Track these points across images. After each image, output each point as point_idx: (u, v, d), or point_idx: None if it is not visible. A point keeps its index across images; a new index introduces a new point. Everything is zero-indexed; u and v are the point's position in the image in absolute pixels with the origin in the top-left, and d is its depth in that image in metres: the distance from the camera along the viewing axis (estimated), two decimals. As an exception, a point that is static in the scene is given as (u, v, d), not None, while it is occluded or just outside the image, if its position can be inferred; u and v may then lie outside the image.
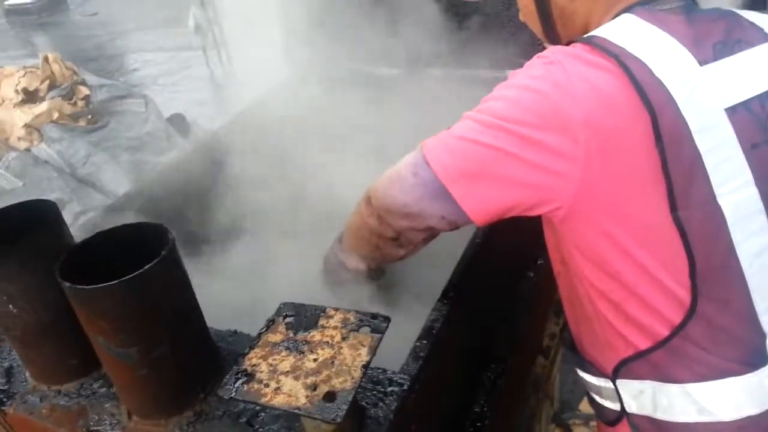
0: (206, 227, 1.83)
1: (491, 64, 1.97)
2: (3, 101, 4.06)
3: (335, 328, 0.91)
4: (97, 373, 1.14)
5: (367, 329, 0.90)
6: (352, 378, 0.82)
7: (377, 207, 1.05)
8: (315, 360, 0.86)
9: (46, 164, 3.75)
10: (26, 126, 3.88)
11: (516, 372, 1.55)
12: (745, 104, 0.90)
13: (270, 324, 0.93)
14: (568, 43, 0.96)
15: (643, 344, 1.00)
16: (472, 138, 0.93)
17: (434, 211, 1.00)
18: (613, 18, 0.99)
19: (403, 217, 1.03)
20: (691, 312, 0.93)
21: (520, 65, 1.84)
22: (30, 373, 1.15)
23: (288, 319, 0.94)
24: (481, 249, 1.32)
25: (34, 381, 1.15)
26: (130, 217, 1.67)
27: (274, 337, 0.91)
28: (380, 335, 0.89)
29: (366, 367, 0.84)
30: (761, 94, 0.92)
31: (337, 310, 0.94)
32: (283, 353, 0.88)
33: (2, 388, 1.15)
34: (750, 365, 0.97)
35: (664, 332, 0.96)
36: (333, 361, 0.85)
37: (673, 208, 0.88)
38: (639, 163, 0.87)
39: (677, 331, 0.95)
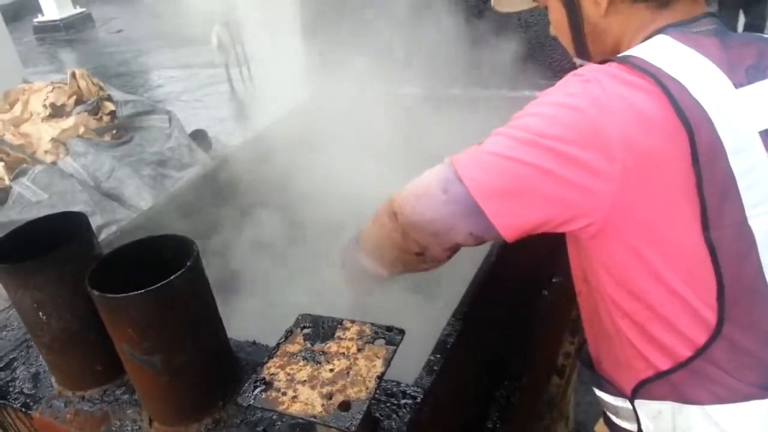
0: (227, 240, 1.87)
1: (510, 85, 2.00)
2: (31, 115, 4.17)
3: (351, 339, 0.94)
4: (120, 380, 1.17)
5: (381, 341, 0.93)
6: (367, 388, 0.85)
7: (404, 223, 1.03)
8: (331, 370, 0.89)
9: (71, 177, 3.83)
10: (53, 140, 3.98)
11: (530, 390, 1.56)
12: None
13: (288, 334, 0.96)
14: (601, 62, 0.96)
15: (664, 365, 0.99)
16: (507, 154, 0.92)
17: (463, 228, 0.98)
18: (645, 38, 1.00)
19: (430, 234, 1.02)
20: (716, 333, 0.93)
21: (539, 86, 1.87)
22: (56, 379, 1.19)
23: (306, 330, 0.97)
24: (495, 266, 1.34)
25: (59, 386, 1.19)
26: (153, 230, 1.72)
27: (292, 348, 0.94)
28: (395, 347, 0.91)
29: (380, 378, 0.87)
30: None
31: (353, 322, 0.97)
32: (301, 363, 0.91)
33: (29, 392, 1.19)
34: None
35: (687, 353, 0.96)
36: (348, 372, 0.88)
37: (705, 228, 0.88)
38: (674, 182, 0.87)
39: (700, 352, 0.95)
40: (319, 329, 0.97)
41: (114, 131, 4.21)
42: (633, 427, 1.11)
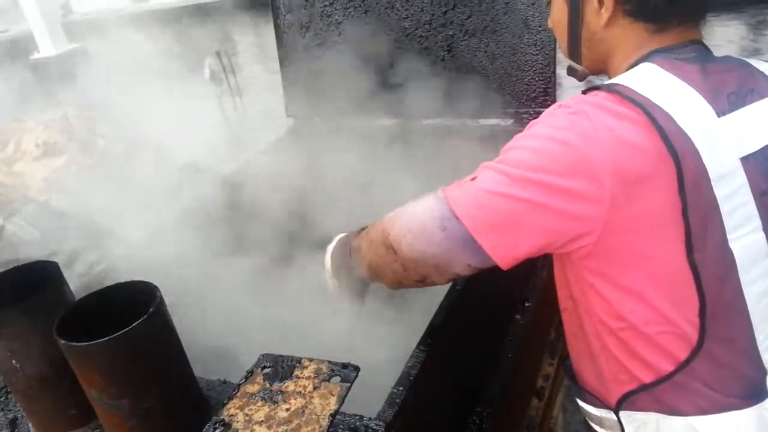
0: (208, 277, 1.91)
1: (477, 114, 2.06)
2: (24, 155, 4.23)
3: (308, 378, 0.97)
4: (95, 422, 1.20)
5: (337, 378, 0.96)
6: (320, 426, 0.88)
7: (403, 258, 1.07)
8: (287, 410, 0.92)
9: (63, 215, 3.88)
10: (45, 178, 4.04)
11: (505, 414, 1.59)
12: (755, 154, 0.96)
13: (249, 375, 1.00)
14: (586, 90, 1.00)
15: (647, 378, 1.04)
16: (501, 191, 0.95)
17: (462, 261, 1.02)
18: (637, 59, 1.05)
19: (430, 268, 1.06)
20: (697, 349, 0.98)
21: (507, 114, 1.91)
22: (32, 424, 1.22)
23: (266, 370, 1.00)
24: (461, 295, 1.38)
25: (36, 431, 1.22)
26: (139, 267, 1.77)
27: (252, 388, 0.97)
28: (349, 384, 0.95)
29: (333, 415, 0.90)
30: (766, 146, 0.97)
31: (311, 360, 1.00)
32: (259, 403, 0.94)
33: (7, 438, 1.22)
34: (750, 399, 1.01)
35: (669, 368, 1.01)
36: (304, 411, 0.91)
37: (689, 251, 0.92)
38: (661, 208, 0.91)
39: (682, 367, 1.00)
40: (279, 368, 1.00)
41: (105, 167, 4.27)
42: None
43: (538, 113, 1.05)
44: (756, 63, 1.06)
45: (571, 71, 1.21)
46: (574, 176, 0.91)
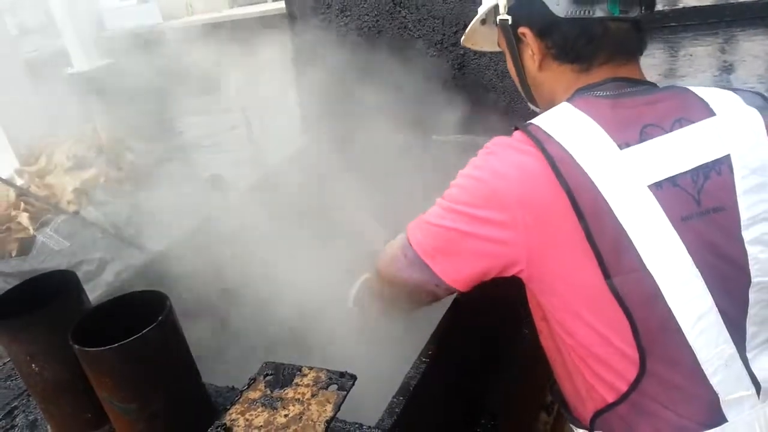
0: (224, 286, 1.97)
1: (486, 130, 2.09)
2: (55, 167, 4.37)
3: (307, 385, 1.01)
4: (109, 426, 1.25)
5: (334, 387, 1.00)
6: (316, 432, 0.92)
7: (387, 283, 1.24)
8: (285, 416, 0.96)
9: (92, 226, 4.00)
10: (75, 190, 4.16)
11: (510, 428, 1.60)
12: (672, 180, 0.99)
13: (251, 382, 1.04)
14: (516, 128, 1.08)
15: (610, 397, 1.08)
16: (437, 222, 1.10)
17: (427, 282, 1.14)
18: (565, 99, 1.11)
19: (409, 290, 1.19)
20: (642, 369, 1.02)
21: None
22: (50, 426, 1.28)
23: (268, 377, 1.05)
24: (463, 307, 1.41)
25: (54, 433, 1.28)
26: (162, 277, 1.83)
27: (254, 394, 1.02)
28: (345, 392, 0.98)
29: (329, 422, 0.94)
30: (692, 169, 1.00)
31: (311, 369, 1.04)
32: (259, 409, 0.98)
33: (26, 439, 1.28)
34: (706, 425, 1.03)
35: (623, 387, 1.05)
36: (301, 417, 0.95)
37: (606, 275, 0.97)
38: (569, 234, 0.98)
39: (634, 386, 1.04)
40: (280, 376, 1.04)
41: (133, 179, 4.39)
42: None
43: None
44: (697, 89, 1.09)
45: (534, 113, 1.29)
46: (488, 207, 1.02)
